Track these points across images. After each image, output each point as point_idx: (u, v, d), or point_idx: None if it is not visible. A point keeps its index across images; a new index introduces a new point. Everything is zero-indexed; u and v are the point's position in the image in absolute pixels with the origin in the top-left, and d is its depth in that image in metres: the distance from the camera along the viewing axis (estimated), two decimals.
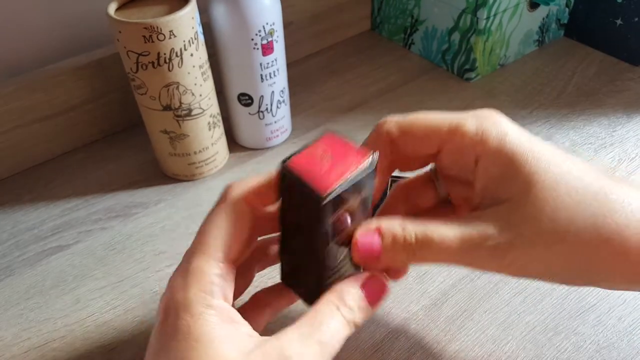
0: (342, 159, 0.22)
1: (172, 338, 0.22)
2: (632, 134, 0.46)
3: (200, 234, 0.24)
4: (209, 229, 0.24)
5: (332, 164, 0.22)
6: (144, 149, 0.48)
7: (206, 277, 0.23)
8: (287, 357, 0.21)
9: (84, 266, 0.38)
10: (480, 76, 0.55)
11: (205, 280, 0.23)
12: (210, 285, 0.23)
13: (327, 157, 0.22)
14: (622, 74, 0.54)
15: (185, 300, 0.22)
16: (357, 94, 0.53)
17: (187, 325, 0.22)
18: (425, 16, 0.55)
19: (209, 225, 0.24)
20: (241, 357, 0.21)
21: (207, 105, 0.41)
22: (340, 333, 0.23)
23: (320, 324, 0.22)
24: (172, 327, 0.22)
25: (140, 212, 0.42)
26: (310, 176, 0.22)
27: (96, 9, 0.47)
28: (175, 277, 0.24)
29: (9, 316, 0.35)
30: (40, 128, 0.45)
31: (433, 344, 0.32)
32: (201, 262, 0.23)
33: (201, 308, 0.22)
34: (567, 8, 0.58)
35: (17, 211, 0.42)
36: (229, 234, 0.24)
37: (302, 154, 0.23)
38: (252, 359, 0.21)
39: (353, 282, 0.24)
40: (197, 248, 0.24)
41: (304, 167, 0.22)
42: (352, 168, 0.22)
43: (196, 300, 0.22)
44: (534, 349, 0.31)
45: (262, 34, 0.39)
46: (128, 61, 0.37)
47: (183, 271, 0.23)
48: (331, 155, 0.22)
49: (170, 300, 0.23)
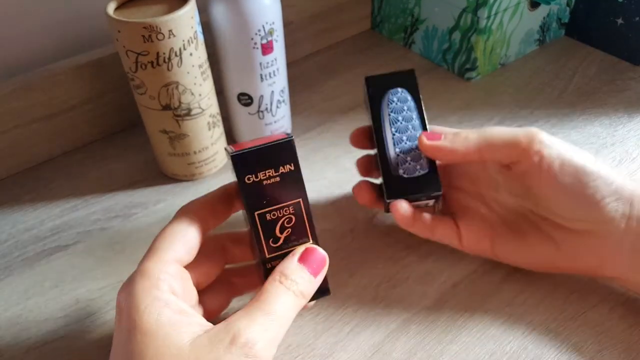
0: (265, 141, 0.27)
1: (126, 335, 0.23)
2: (633, 134, 0.46)
3: (152, 244, 0.26)
4: (158, 238, 0.26)
5: (255, 142, 0.27)
6: (144, 149, 0.47)
7: (152, 273, 0.24)
8: (234, 333, 0.22)
9: (83, 266, 0.38)
10: (480, 76, 0.55)
11: (151, 277, 0.24)
12: (156, 281, 0.24)
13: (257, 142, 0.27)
14: (623, 74, 0.54)
15: (132, 299, 0.23)
16: (357, 94, 0.53)
17: (134, 320, 0.23)
18: (425, 15, 0.55)
19: (159, 236, 0.27)
20: (188, 343, 0.22)
21: (206, 105, 0.41)
22: (287, 304, 0.25)
23: (265, 299, 0.24)
24: (125, 325, 0.23)
25: (139, 212, 0.42)
26: (237, 147, 0.27)
27: (95, 8, 0.47)
28: (125, 281, 0.25)
29: (8, 316, 0.35)
30: (39, 128, 0.45)
31: (434, 344, 0.31)
32: (149, 264, 0.25)
33: (147, 301, 0.23)
34: (567, 7, 0.58)
35: (16, 211, 0.42)
36: (177, 240, 0.26)
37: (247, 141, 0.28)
38: (198, 342, 0.22)
39: (290, 257, 0.26)
40: (146, 255, 0.26)
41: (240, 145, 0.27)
42: (268, 141, 0.27)
43: (142, 295, 0.23)
44: (535, 349, 0.31)
45: (261, 33, 0.39)
46: (127, 61, 0.37)
47: (132, 275, 0.25)
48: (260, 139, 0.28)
49: (120, 301, 0.24)
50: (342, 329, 0.33)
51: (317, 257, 0.27)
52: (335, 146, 0.47)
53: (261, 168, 0.26)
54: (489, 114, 0.50)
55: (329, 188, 0.42)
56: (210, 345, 0.22)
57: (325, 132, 0.49)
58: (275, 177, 0.27)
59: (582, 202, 0.29)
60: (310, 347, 0.32)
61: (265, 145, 0.27)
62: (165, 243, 0.26)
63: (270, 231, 0.27)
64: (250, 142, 0.28)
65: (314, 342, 0.32)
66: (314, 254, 0.27)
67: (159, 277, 0.24)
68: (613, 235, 0.29)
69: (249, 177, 0.26)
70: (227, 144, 0.27)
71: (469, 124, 0.48)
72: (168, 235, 0.26)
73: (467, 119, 0.49)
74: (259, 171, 0.26)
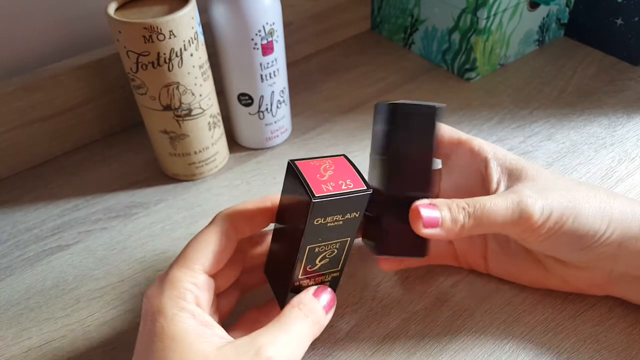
0: (341, 178, 0.25)
1: (150, 340, 0.24)
2: (632, 134, 0.46)
3: (184, 249, 0.27)
4: (191, 244, 0.27)
5: (331, 177, 0.25)
6: (144, 149, 0.48)
7: (180, 284, 0.25)
8: (259, 347, 0.24)
9: (84, 266, 0.38)
10: (480, 76, 0.55)
11: (179, 287, 0.25)
12: (184, 292, 0.25)
13: (329, 171, 0.25)
14: (622, 74, 0.54)
15: (160, 305, 0.24)
16: (357, 94, 0.53)
17: (162, 326, 0.23)
18: (425, 16, 0.55)
19: (192, 241, 0.27)
20: (214, 351, 0.23)
21: (207, 105, 0.41)
22: (306, 329, 0.26)
23: (286, 321, 0.26)
24: (150, 330, 0.24)
25: (140, 212, 0.42)
26: (309, 177, 0.25)
27: (96, 9, 0.47)
28: (152, 285, 0.26)
29: (9, 316, 0.35)
30: (40, 128, 0.45)
31: (433, 344, 0.32)
32: (178, 272, 0.25)
33: (174, 310, 0.24)
34: (567, 8, 0.58)
35: (17, 211, 0.42)
36: (208, 249, 0.26)
37: (311, 160, 0.26)
38: (224, 351, 0.23)
39: (306, 292, 0.28)
40: (177, 260, 0.26)
41: (308, 168, 0.25)
42: (347, 188, 0.25)
43: (170, 304, 0.24)
44: (534, 349, 0.31)
45: (262, 34, 0.39)
46: (128, 61, 0.37)
47: (160, 280, 0.26)
48: (333, 171, 0.26)
49: (147, 306, 0.25)
50: (342, 328, 0.33)
51: (328, 294, 0.28)
52: (335, 146, 0.47)
53: (332, 214, 0.25)
54: (489, 114, 0.50)
55: None
56: (236, 356, 0.23)
57: (325, 132, 0.49)
58: (339, 221, 0.26)
59: (574, 252, 0.30)
60: (311, 346, 0.32)
61: (346, 196, 0.25)
62: (196, 252, 0.26)
63: (311, 259, 0.27)
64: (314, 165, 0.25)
65: (314, 342, 0.32)
66: (326, 292, 0.28)
67: (186, 287, 0.25)
68: (603, 269, 0.30)
69: (318, 220, 0.25)
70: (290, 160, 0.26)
71: (468, 124, 0.49)
72: (200, 243, 0.27)
73: (467, 119, 0.49)
74: (328, 216, 0.25)
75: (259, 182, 0.44)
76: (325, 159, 0.26)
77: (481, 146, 0.31)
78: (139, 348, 0.25)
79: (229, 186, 0.44)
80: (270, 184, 0.43)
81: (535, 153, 0.45)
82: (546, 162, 0.44)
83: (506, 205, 0.28)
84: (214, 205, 0.42)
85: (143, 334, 0.25)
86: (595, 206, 0.29)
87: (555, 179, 0.30)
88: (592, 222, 0.28)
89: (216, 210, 0.41)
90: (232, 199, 0.42)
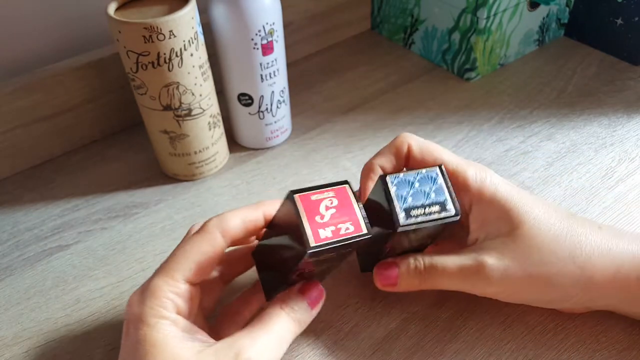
0: (342, 218, 0.24)
1: (133, 347, 0.24)
2: (632, 134, 0.46)
3: (169, 256, 0.27)
4: (175, 252, 0.27)
5: (332, 218, 0.24)
6: (144, 149, 0.48)
7: (161, 293, 0.25)
8: (238, 350, 0.24)
9: (84, 266, 0.38)
10: (480, 76, 0.55)
11: (159, 296, 0.25)
12: (164, 301, 0.25)
13: (331, 209, 0.24)
14: (623, 74, 0.54)
15: (141, 314, 0.24)
16: (357, 94, 0.53)
17: (144, 334, 0.24)
18: (425, 16, 0.55)
19: (177, 249, 0.27)
20: (194, 355, 0.24)
21: (207, 105, 0.41)
22: (286, 327, 0.26)
23: (267, 321, 0.26)
24: (133, 337, 0.24)
25: (140, 212, 0.42)
26: (309, 217, 0.24)
27: (96, 9, 0.47)
28: (134, 293, 0.26)
29: (9, 316, 0.35)
30: (40, 128, 0.45)
31: (434, 343, 0.32)
32: (159, 281, 0.25)
33: (155, 319, 0.24)
34: (567, 7, 0.58)
35: (17, 211, 0.42)
36: (192, 259, 0.26)
37: (312, 192, 0.25)
38: (204, 356, 0.24)
39: (292, 288, 0.28)
40: (160, 269, 0.26)
41: (309, 205, 0.24)
42: (346, 234, 0.24)
43: (151, 313, 0.24)
44: (534, 349, 0.31)
45: (262, 34, 0.39)
46: (128, 61, 0.37)
47: (142, 289, 0.26)
48: (335, 208, 0.25)
49: (129, 315, 0.25)
50: (342, 328, 0.33)
51: (316, 291, 0.28)
52: (334, 146, 0.47)
53: (327, 254, 0.25)
54: (489, 114, 0.50)
55: None
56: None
57: (325, 132, 0.49)
58: (332, 254, 0.25)
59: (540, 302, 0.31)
60: (310, 346, 0.32)
61: (344, 242, 0.24)
62: (179, 260, 0.26)
63: (305, 271, 0.27)
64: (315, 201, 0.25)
65: (314, 341, 0.32)
66: (314, 287, 0.28)
67: (167, 296, 0.25)
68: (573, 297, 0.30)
69: (312, 258, 0.24)
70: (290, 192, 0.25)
71: (468, 124, 0.49)
72: (185, 252, 0.26)
73: (467, 119, 0.49)
74: (322, 255, 0.25)
75: (259, 182, 0.44)
76: (328, 189, 0.25)
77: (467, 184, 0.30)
78: (123, 355, 0.25)
79: (228, 186, 0.44)
80: (270, 184, 0.43)
81: (535, 153, 0.45)
82: (546, 162, 0.44)
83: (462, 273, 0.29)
84: (214, 205, 0.42)
85: (126, 341, 0.25)
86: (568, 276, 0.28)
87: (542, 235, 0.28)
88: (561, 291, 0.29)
89: (216, 210, 0.41)
90: (232, 199, 0.42)
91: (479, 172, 0.30)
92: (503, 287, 0.29)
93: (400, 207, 0.27)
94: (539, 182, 0.42)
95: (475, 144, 0.46)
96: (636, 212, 0.39)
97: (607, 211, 0.39)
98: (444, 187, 0.28)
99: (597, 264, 0.28)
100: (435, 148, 0.31)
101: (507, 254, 0.28)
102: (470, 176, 0.30)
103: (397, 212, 0.26)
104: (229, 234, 0.27)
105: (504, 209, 0.29)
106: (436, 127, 0.48)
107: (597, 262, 0.28)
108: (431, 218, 0.27)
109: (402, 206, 0.27)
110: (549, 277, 0.28)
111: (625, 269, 0.28)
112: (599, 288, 0.28)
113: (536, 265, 0.28)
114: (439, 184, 0.28)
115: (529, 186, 0.42)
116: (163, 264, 0.26)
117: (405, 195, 0.27)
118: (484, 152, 0.45)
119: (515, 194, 0.29)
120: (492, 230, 0.29)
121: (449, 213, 0.27)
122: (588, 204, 0.40)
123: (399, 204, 0.27)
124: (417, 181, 0.27)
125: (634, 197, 0.40)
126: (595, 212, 0.39)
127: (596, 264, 0.28)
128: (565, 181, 0.42)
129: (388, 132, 0.48)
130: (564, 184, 0.42)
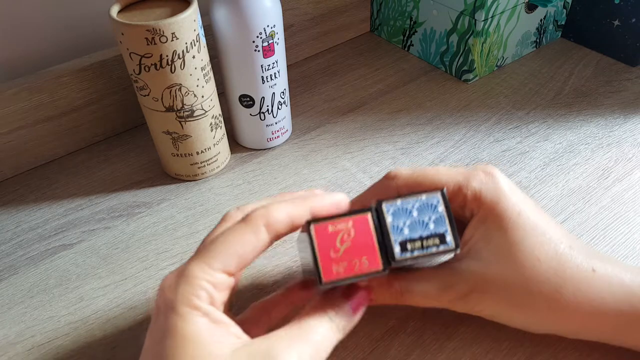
0: (357, 253, 0.24)
1: (162, 335, 0.23)
2: (629, 135, 0.47)
3: (207, 242, 0.25)
4: (217, 239, 0.24)
5: (346, 252, 0.24)
6: (147, 150, 0.48)
7: (196, 281, 0.23)
8: (273, 356, 0.22)
9: (87, 265, 0.38)
10: (478, 77, 0.55)
11: (194, 284, 0.23)
12: (198, 289, 0.23)
13: (347, 242, 0.24)
14: (619, 75, 0.54)
15: (173, 300, 0.23)
16: (356, 96, 0.54)
17: (175, 324, 0.22)
18: (423, 18, 0.56)
19: (219, 236, 0.25)
20: (227, 354, 0.22)
21: (209, 107, 0.41)
22: (327, 336, 0.24)
23: (307, 326, 0.24)
24: (162, 326, 0.23)
25: (143, 212, 0.42)
26: (322, 252, 0.24)
27: (99, 11, 0.47)
28: (168, 277, 0.24)
29: (12, 314, 0.35)
30: (43, 129, 0.46)
31: (432, 341, 0.32)
32: (195, 268, 0.24)
33: (187, 308, 0.23)
34: (564, 9, 0.58)
35: (21, 211, 0.43)
36: (235, 249, 0.24)
37: (331, 222, 0.24)
38: (238, 355, 0.22)
39: (337, 291, 0.26)
40: (197, 254, 0.24)
41: (324, 237, 0.24)
42: (360, 270, 0.24)
43: (183, 301, 0.23)
44: (532, 347, 0.31)
45: (263, 36, 0.40)
46: (131, 63, 0.38)
47: (177, 273, 0.24)
48: (351, 242, 0.24)
49: (161, 300, 0.24)
50: None
51: (360, 296, 0.27)
52: (334, 147, 0.47)
53: (341, 284, 0.24)
54: (486, 115, 0.50)
55: (329, 188, 0.43)
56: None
57: (325, 133, 0.49)
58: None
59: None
60: None
61: (357, 278, 0.24)
62: (219, 249, 0.24)
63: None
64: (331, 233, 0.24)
65: None
66: (360, 290, 0.27)
67: (202, 285, 0.23)
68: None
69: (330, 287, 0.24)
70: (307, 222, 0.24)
71: (466, 125, 0.49)
72: (227, 240, 0.24)
73: (464, 120, 0.50)
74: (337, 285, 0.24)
75: (260, 182, 0.44)
76: (347, 218, 0.24)
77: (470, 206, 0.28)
78: (149, 341, 0.24)
79: (230, 186, 0.44)
80: (271, 184, 0.44)
81: (532, 153, 0.45)
82: (543, 162, 0.44)
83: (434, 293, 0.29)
84: (216, 204, 0.42)
85: (155, 325, 0.24)
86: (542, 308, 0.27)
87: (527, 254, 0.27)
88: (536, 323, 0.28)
89: (218, 210, 0.42)
90: (233, 199, 0.43)
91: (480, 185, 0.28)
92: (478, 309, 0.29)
93: (395, 240, 0.25)
94: (535, 182, 0.43)
95: (473, 144, 0.47)
96: (632, 212, 0.39)
97: (603, 211, 0.40)
98: (445, 216, 0.25)
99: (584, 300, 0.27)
100: (428, 170, 0.29)
101: (489, 282, 0.28)
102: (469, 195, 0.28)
103: (392, 246, 0.25)
104: (273, 228, 0.25)
105: (497, 230, 0.27)
106: (434, 128, 0.49)
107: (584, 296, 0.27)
108: (428, 252, 0.25)
109: (396, 239, 0.25)
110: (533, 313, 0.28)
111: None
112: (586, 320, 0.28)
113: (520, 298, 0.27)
114: (439, 212, 0.25)
115: (526, 186, 0.42)
116: (201, 248, 0.25)
117: (401, 226, 0.25)
118: (482, 152, 0.46)
119: (515, 214, 0.27)
120: (481, 248, 0.28)
121: (449, 247, 0.25)
122: (585, 204, 0.40)
123: (393, 236, 0.25)
124: (415, 209, 0.25)
125: (630, 197, 0.41)
126: (592, 212, 0.40)
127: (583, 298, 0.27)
128: (562, 181, 0.42)
129: (387, 133, 0.48)
130: (561, 184, 0.42)
